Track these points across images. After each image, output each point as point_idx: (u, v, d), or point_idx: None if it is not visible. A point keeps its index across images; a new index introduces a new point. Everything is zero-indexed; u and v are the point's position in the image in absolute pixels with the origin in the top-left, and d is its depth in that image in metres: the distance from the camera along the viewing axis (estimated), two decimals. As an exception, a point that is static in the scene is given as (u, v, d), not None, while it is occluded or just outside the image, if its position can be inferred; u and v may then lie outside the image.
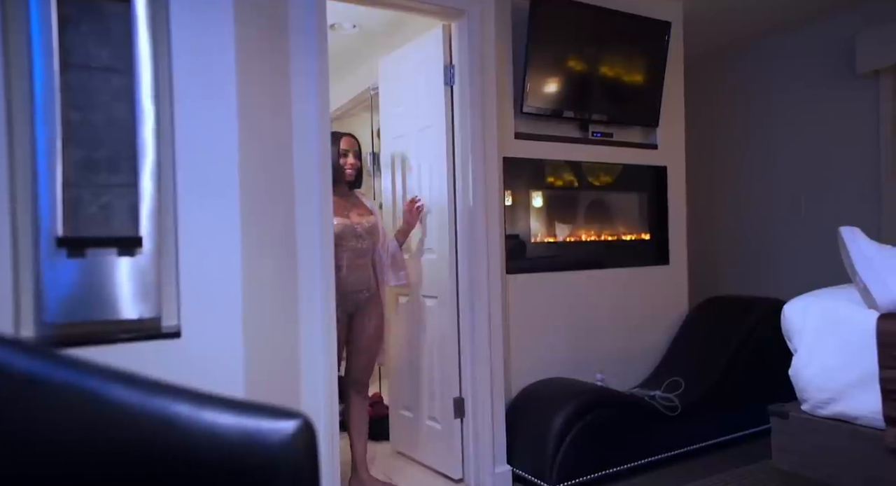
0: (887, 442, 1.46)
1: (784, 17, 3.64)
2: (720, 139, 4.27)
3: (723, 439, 2.79)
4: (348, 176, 2.42)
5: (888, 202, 3.38)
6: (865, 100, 3.45)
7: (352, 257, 2.38)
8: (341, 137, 2.41)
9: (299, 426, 0.74)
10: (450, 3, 2.39)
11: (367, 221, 2.43)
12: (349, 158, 2.42)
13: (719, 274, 4.22)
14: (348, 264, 2.37)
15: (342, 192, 2.45)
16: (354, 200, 2.50)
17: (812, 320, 1.66)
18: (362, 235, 2.42)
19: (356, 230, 2.39)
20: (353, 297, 2.41)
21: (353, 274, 2.39)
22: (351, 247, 2.38)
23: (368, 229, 2.43)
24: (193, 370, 1.73)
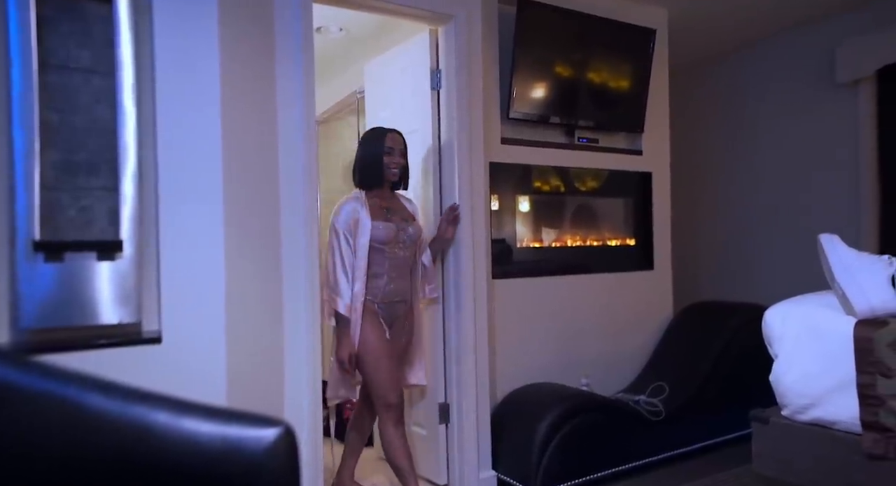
0: (864, 447, 1.48)
1: (767, 27, 3.70)
2: (704, 146, 4.32)
3: (706, 443, 2.82)
4: (392, 176, 2.24)
5: (867, 210, 3.44)
6: (845, 109, 3.52)
7: (393, 265, 2.21)
8: (386, 134, 2.25)
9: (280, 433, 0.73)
10: (437, 8, 2.40)
11: (412, 229, 2.26)
12: (394, 155, 2.23)
13: (703, 279, 4.26)
14: (389, 272, 2.20)
15: (384, 193, 2.28)
16: (396, 204, 2.32)
17: (792, 326, 1.68)
18: (406, 243, 2.24)
19: (400, 237, 2.22)
20: (392, 308, 2.23)
21: (394, 283, 2.21)
22: (393, 254, 2.20)
23: (412, 237, 2.27)
24: (175, 376, 1.70)
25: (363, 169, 2.26)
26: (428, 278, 2.40)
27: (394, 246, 2.20)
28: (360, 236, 2.16)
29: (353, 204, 2.21)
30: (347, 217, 2.17)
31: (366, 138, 2.30)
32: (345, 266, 2.14)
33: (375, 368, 2.16)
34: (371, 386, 2.20)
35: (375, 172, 2.23)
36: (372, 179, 2.25)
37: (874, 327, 1.50)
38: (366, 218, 2.17)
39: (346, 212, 2.19)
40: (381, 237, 2.16)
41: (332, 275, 2.17)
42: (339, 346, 2.16)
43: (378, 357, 2.16)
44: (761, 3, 3.30)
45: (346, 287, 2.13)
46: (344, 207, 2.21)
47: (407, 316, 2.30)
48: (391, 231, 2.19)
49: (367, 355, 2.15)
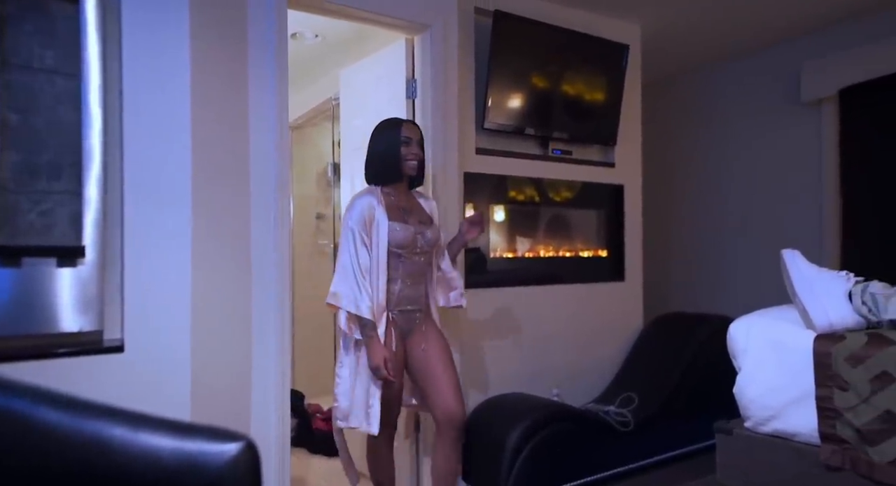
0: (822, 458, 1.52)
1: (734, 47, 3.80)
2: (675, 160, 4.41)
3: (675, 453, 2.85)
4: (409, 169, 2.02)
5: (829, 224, 3.55)
6: (809, 127, 3.63)
7: (409, 270, 2.01)
8: (402, 123, 2.05)
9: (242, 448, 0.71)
10: (413, 18, 2.40)
11: (430, 232, 2.05)
12: (412, 147, 2.02)
13: (673, 291, 4.33)
14: (404, 278, 2.00)
15: (400, 190, 2.07)
16: (413, 203, 2.11)
17: (755, 339, 1.72)
18: (424, 249, 2.04)
19: (418, 242, 2.01)
20: (407, 317, 2.04)
21: (409, 289, 2.02)
22: (410, 259, 2.00)
23: (430, 242, 2.06)
24: (137, 386, 1.66)
25: (377, 162, 2.04)
26: (451, 284, 2.18)
27: (411, 251, 2.00)
28: (376, 237, 1.95)
29: (367, 199, 1.99)
30: (361, 214, 1.95)
31: (379, 129, 2.08)
32: (362, 269, 1.92)
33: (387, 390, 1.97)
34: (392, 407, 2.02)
35: (391, 165, 2.00)
36: (387, 173, 2.03)
37: (832, 341, 1.54)
38: (382, 216, 1.96)
39: (361, 208, 1.96)
40: (398, 241, 1.96)
41: (348, 279, 1.92)
42: (371, 353, 1.90)
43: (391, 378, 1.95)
44: (729, 24, 3.40)
45: (367, 290, 1.91)
46: (357, 203, 1.99)
47: (426, 323, 2.08)
48: (409, 235, 1.98)
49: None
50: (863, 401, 1.46)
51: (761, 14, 3.28)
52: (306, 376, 3.87)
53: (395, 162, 2.00)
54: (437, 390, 2.01)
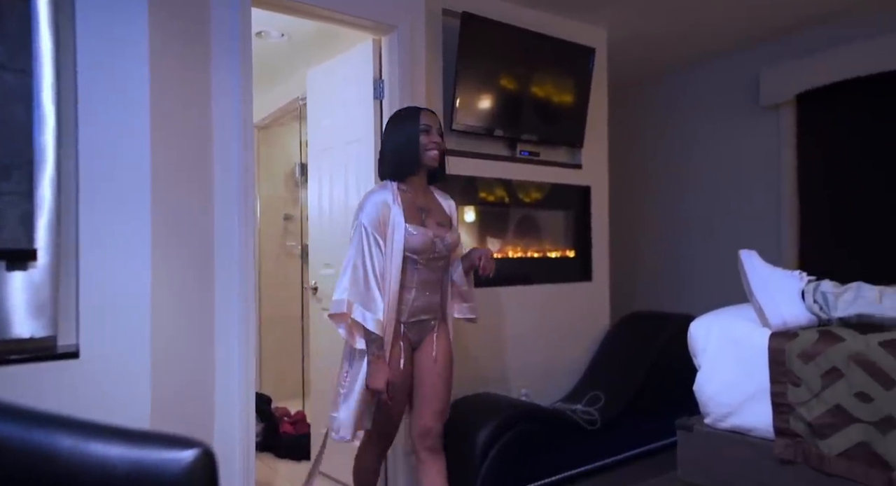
0: (776, 452, 1.57)
1: (697, 52, 3.90)
2: (641, 162, 4.50)
3: (640, 450, 2.90)
4: (430, 159, 1.83)
5: (787, 224, 3.67)
6: (769, 130, 3.75)
7: (424, 277, 1.83)
8: (420, 112, 1.88)
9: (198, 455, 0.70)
10: (380, 19, 2.40)
11: (448, 237, 1.86)
12: (432, 134, 1.84)
13: (640, 290, 4.42)
14: (419, 286, 1.82)
15: (419, 185, 1.88)
16: (432, 202, 1.92)
17: (714, 338, 1.76)
18: (442, 254, 1.85)
19: (436, 247, 1.82)
20: (420, 326, 1.87)
21: (423, 298, 1.84)
22: (426, 265, 1.82)
23: (449, 247, 1.87)
24: (94, 393, 1.61)
25: (394, 153, 1.85)
26: (462, 296, 2.00)
27: (428, 257, 1.81)
28: (391, 239, 1.76)
29: (382, 195, 1.80)
30: (375, 212, 1.76)
31: (396, 118, 1.92)
32: (376, 274, 1.73)
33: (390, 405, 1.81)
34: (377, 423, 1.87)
35: (410, 155, 1.81)
36: (406, 164, 1.83)
37: (786, 338, 1.59)
38: (399, 216, 1.77)
39: (375, 205, 1.77)
40: (415, 246, 1.77)
41: (359, 283, 1.73)
42: (373, 373, 1.71)
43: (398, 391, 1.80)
44: (692, 31, 3.48)
45: (380, 300, 1.72)
46: (371, 199, 1.80)
47: (438, 333, 1.91)
48: (427, 239, 1.78)
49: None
50: (814, 396, 1.51)
51: (722, 22, 3.37)
52: (274, 379, 3.82)
53: (414, 152, 1.81)
54: (421, 401, 1.89)
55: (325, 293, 2.79)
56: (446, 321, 1.97)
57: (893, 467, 1.37)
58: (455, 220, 1.97)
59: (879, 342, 1.44)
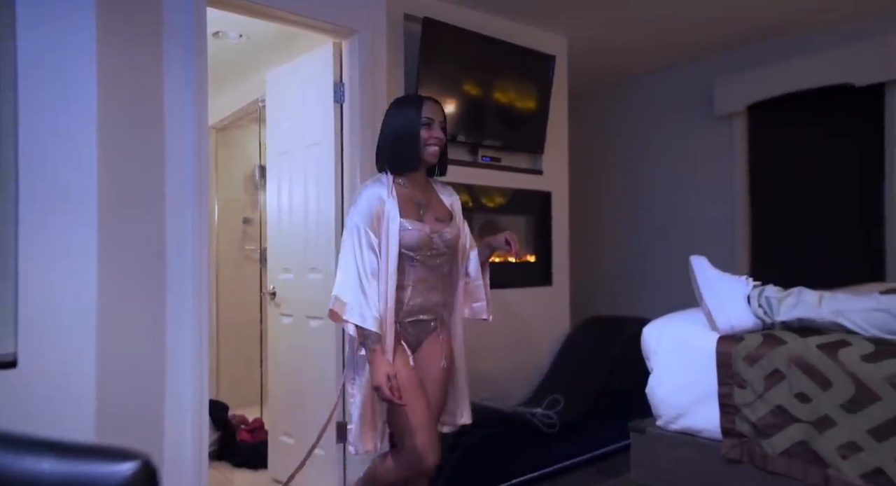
0: (723, 452, 1.62)
1: (655, 62, 4.00)
2: (601, 168, 4.58)
3: (599, 452, 2.95)
4: (430, 155, 1.74)
5: (739, 230, 3.79)
6: (722, 138, 3.87)
7: (422, 275, 1.73)
8: (422, 102, 1.75)
9: (136, 468, 0.68)
10: (340, 22, 2.38)
11: (448, 232, 1.76)
12: (433, 129, 1.73)
13: (599, 295, 4.49)
14: (415, 284, 1.72)
15: (417, 179, 1.78)
16: (431, 195, 1.83)
17: (665, 341, 1.81)
18: (441, 250, 1.75)
19: (433, 243, 1.73)
20: (419, 327, 1.77)
21: (420, 296, 1.74)
22: (423, 262, 1.73)
23: (449, 243, 1.77)
24: (33, 405, 1.55)
25: (392, 147, 1.75)
26: (472, 294, 1.89)
27: (425, 253, 1.72)
28: (385, 235, 1.68)
29: (376, 190, 1.71)
30: (369, 208, 1.68)
31: (396, 107, 1.79)
32: (368, 273, 1.65)
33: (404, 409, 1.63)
34: (401, 433, 1.68)
35: (409, 150, 1.71)
36: (403, 160, 1.74)
37: (733, 342, 1.65)
38: (394, 211, 1.68)
39: (367, 201, 1.69)
40: (410, 242, 1.68)
41: (350, 284, 1.64)
42: (373, 369, 1.61)
43: (411, 395, 1.64)
44: (649, 41, 3.57)
45: (374, 297, 1.63)
46: (364, 194, 1.71)
47: (438, 336, 1.81)
48: (423, 235, 1.70)
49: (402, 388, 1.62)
50: (758, 397, 1.56)
51: (678, 34, 3.47)
52: (232, 385, 3.74)
53: (413, 147, 1.71)
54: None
55: (283, 299, 2.75)
56: (448, 323, 1.85)
57: (829, 464, 1.43)
58: (458, 214, 1.86)
59: (817, 345, 1.50)
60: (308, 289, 2.62)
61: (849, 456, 1.40)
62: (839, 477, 1.41)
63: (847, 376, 1.42)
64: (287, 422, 2.71)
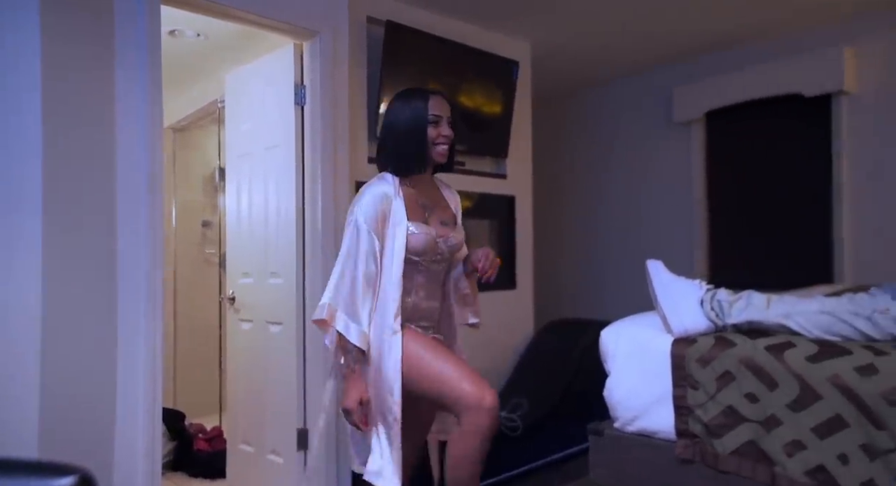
0: (677, 453, 1.65)
1: (617, 69, 4.08)
2: (565, 172, 4.64)
3: (561, 455, 2.97)
4: (439, 155, 1.62)
5: (698, 235, 3.89)
6: (681, 145, 3.97)
7: (425, 280, 1.63)
8: (429, 97, 1.62)
9: (74, 483, 0.65)
10: (301, 23, 2.35)
11: (453, 238, 1.68)
12: (441, 126, 1.61)
13: (563, 298, 4.54)
14: (418, 290, 1.63)
15: (422, 179, 1.67)
16: (435, 195, 1.73)
17: (622, 344, 1.84)
18: (444, 256, 1.66)
19: (439, 248, 1.63)
20: None
21: (424, 302, 1.65)
22: (427, 268, 1.63)
23: (452, 249, 1.68)
24: (-31, 416, 1.47)
25: (397, 148, 1.61)
26: (465, 299, 1.81)
27: (430, 259, 1.62)
28: (391, 238, 1.56)
29: (382, 188, 1.59)
30: (374, 207, 1.55)
31: (401, 101, 1.64)
32: (366, 279, 1.53)
33: (438, 361, 1.51)
34: (444, 392, 1.50)
35: (416, 150, 1.59)
36: (410, 162, 1.61)
37: (686, 344, 1.68)
38: (400, 213, 1.57)
39: (373, 200, 1.56)
40: (416, 246, 1.57)
41: (345, 289, 1.52)
42: (348, 389, 1.50)
43: (436, 351, 1.54)
44: (610, 49, 3.64)
45: (366, 309, 1.52)
46: (370, 193, 1.57)
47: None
48: (430, 239, 1.59)
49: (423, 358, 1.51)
50: (710, 398, 1.60)
51: (638, 42, 3.54)
52: (189, 393, 3.64)
53: (420, 148, 1.59)
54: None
55: (243, 304, 2.70)
56: (448, 332, 1.78)
57: (775, 462, 1.47)
58: (459, 216, 1.79)
59: (765, 347, 1.55)
60: (268, 294, 2.57)
61: (794, 454, 1.44)
62: (785, 475, 1.45)
63: (792, 376, 1.46)
64: (246, 430, 2.65)
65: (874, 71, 3.17)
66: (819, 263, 3.37)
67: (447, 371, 1.51)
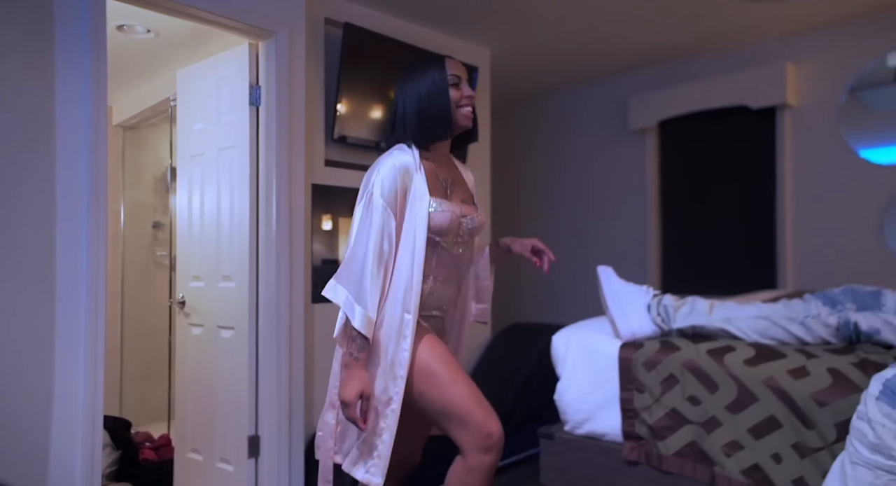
0: (624, 454, 1.69)
1: (574, 76, 4.16)
2: (521, 179, 4.70)
3: (515, 458, 3.00)
4: (465, 117, 1.48)
5: (651, 241, 3.99)
6: (635, 152, 4.07)
7: (444, 263, 1.48)
8: (444, 60, 1.49)
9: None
10: (256, 23, 2.31)
11: (475, 218, 1.53)
12: (463, 87, 1.48)
13: (520, 302, 4.59)
14: (436, 274, 1.47)
15: (441, 153, 1.53)
16: (454, 173, 1.58)
17: (573, 348, 1.87)
18: (464, 238, 1.52)
19: (461, 229, 1.49)
20: (432, 326, 1.52)
21: (439, 290, 1.49)
22: (448, 250, 1.48)
23: (472, 231, 1.53)
24: None
25: (420, 115, 1.46)
26: (482, 296, 1.70)
27: (451, 240, 1.48)
28: (411, 216, 1.41)
29: (404, 159, 1.42)
30: (393, 180, 1.39)
31: (416, 68, 1.50)
32: (375, 262, 1.36)
33: (452, 383, 1.37)
34: (451, 417, 1.37)
35: (440, 115, 1.44)
36: (435, 127, 1.46)
37: (634, 348, 1.73)
38: (422, 188, 1.42)
39: (394, 172, 1.40)
40: (440, 225, 1.42)
41: (354, 268, 1.36)
42: (347, 380, 1.34)
43: (450, 367, 1.40)
44: (568, 57, 3.71)
45: (376, 291, 1.35)
46: (388, 163, 1.41)
47: (444, 334, 1.58)
48: (454, 218, 1.45)
49: (434, 368, 1.38)
50: (655, 401, 1.65)
51: (593, 51, 3.62)
52: (137, 401, 3.52)
53: (444, 111, 1.43)
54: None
55: (193, 308, 2.63)
56: (452, 323, 1.63)
57: (715, 462, 1.52)
58: (473, 192, 1.65)
59: (707, 351, 1.60)
60: (220, 298, 2.52)
61: (732, 454, 1.49)
62: (723, 474, 1.50)
63: (731, 379, 1.52)
64: (195, 438, 2.58)
65: (814, 86, 3.33)
66: (765, 270, 3.51)
67: (461, 395, 1.37)
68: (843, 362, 1.44)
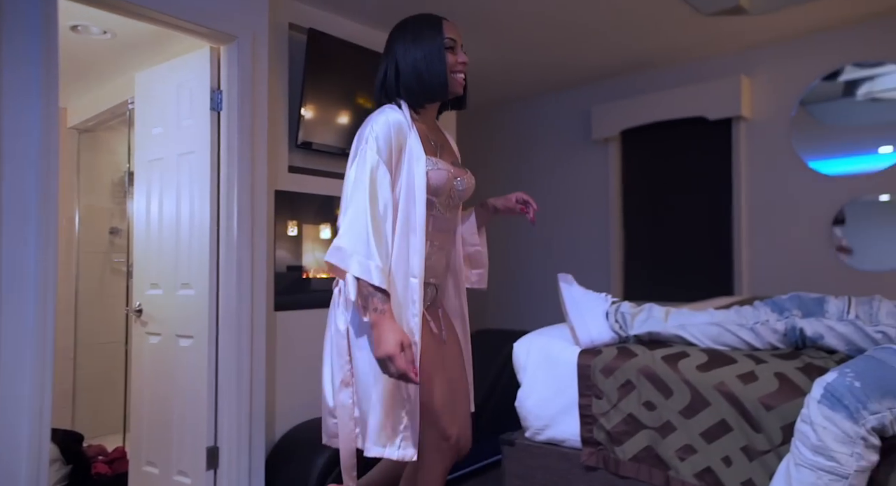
0: (582, 460, 1.71)
1: (540, 85, 4.22)
2: (487, 186, 4.73)
3: (481, 464, 3.01)
4: (458, 84, 1.48)
5: (614, 249, 4.07)
6: (599, 161, 4.15)
7: (439, 227, 1.46)
8: (441, 22, 1.47)
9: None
10: (218, 27, 2.28)
11: (466, 180, 1.52)
12: (458, 53, 1.47)
13: (486, 309, 4.62)
14: (432, 239, 1.45)
15: (430, 116, 1.53)
16: (443, 137, 1.58)
17: (534, 355, 1.89)
18: (455, 201, 1.50)
19: (455, 189, 1.48)
20: (427, 293, 1.47)
21: (435, 254, 1.46)
22: (442, 213, 1.46)
23: (462, 194, 1.52)
24: None
25: (415, 74, 1.44)
26: (478, 260, 1.68)
27: (445, 202, 1.45)
28: (408, 175, 1.37)
29: (396, 115, 1.39)
30: (388, 136, 1.35)
31: (412, 27, 1.47)
32: (378, 214, 1.31)
33: (428, 381, 1.37)
34: (423, 413, 1.37)
35: (435, 77, 1.43)
36: (430, 89, 1.44)
37: (592, 355, 1.75)
38: (417, 147, 1.39)
39: (388, 127, 1.36)
40: (437, 183, 1.39)
41: (355, 228, 1.28)
42: (381, 335, 1.24)
43: (435, 367, 1.39)
44: (533, 66, 3.77)
45: (381, 245, 1.29)
46: (381, 120, 1.37)
47: (442, 309, 1.55)
48: (450, 177, 1.44)
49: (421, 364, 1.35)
50: (612, 407, 1.67)
51: (558, 61, 3.69)
52: (90, 413, 3.41)
53: (440, 73, 1.42)
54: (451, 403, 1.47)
55: (150, 316, 2.56)
56: (454, 295, 1.60)
57: (669, 466, 1.56)
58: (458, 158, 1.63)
59: (662, 357, 1.64)
60: (178, 306, 2.46)
61: (685, 458, 1.53)
62: (678, 478, 1.54)
63: (684, 384, 1.56)
64: (151, 450, 2.51)
65: (767, 99, 3.46)
66: (723, 277, 3.61)
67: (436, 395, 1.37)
68: (789, 367, 1.49)
